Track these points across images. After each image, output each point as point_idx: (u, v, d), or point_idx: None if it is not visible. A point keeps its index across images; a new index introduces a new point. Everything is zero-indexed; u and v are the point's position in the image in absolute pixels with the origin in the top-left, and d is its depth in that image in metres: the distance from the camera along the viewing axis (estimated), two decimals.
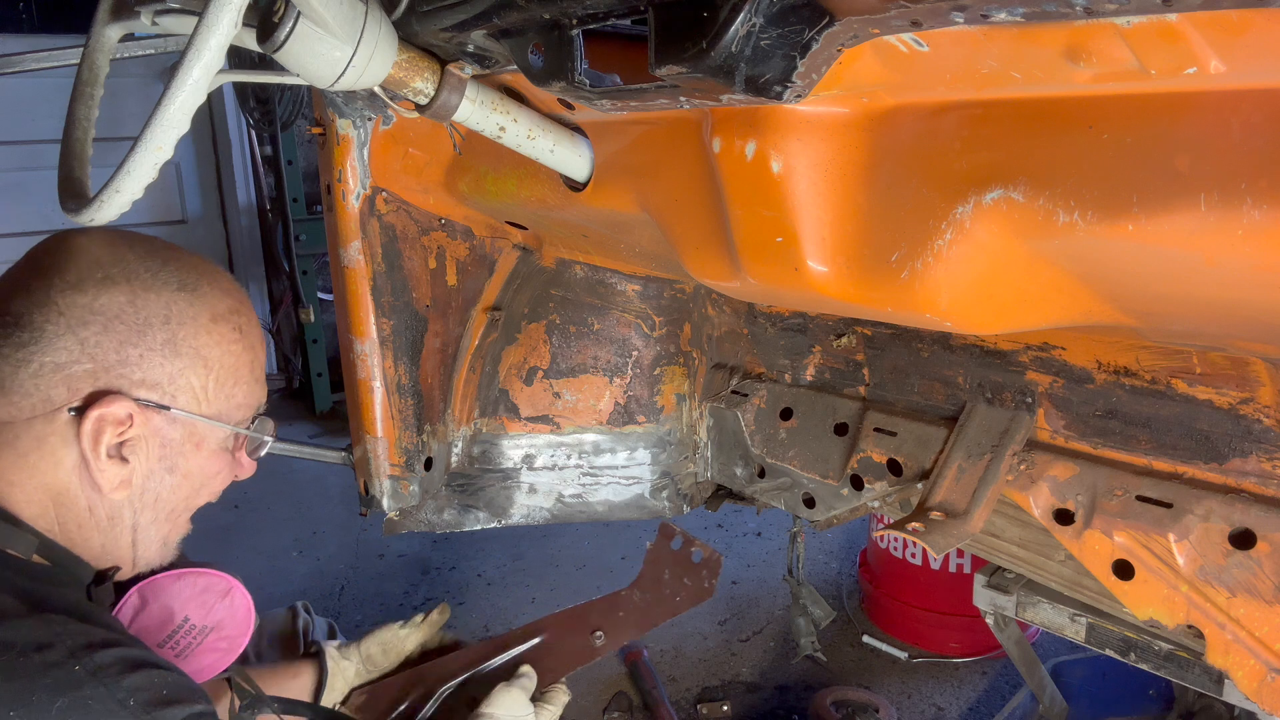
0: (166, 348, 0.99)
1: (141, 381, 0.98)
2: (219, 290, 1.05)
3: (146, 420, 0.99)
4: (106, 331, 0.96)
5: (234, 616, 1.25)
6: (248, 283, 5.76)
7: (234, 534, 3.86)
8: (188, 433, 1.03)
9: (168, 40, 1.37)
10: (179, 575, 1.19)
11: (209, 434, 1.06)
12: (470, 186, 1.46)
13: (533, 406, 1.72)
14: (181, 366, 1.01)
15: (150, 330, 0.98)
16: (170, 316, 1.00)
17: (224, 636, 1.24)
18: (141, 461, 1.01)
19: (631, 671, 2.90)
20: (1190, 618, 1.01)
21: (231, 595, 1.25)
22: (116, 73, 1.22)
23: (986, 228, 0.83)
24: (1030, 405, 1.20)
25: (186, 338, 1.01)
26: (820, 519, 1.47)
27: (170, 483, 1.04)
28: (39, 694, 0.82)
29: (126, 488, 1.00)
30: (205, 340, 1.02)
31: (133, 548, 1.06)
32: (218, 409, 1.05)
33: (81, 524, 1.00)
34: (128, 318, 0.97)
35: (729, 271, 1.08)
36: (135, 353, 0.98)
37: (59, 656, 0.84)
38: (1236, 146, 0.67)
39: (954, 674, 2.92)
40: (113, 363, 0.96)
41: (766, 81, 0.77)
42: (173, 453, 1.03)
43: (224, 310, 1.05)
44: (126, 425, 0.97)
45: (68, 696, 0.82)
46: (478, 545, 3.74)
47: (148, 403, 0.99)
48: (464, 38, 0.97)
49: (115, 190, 0.89)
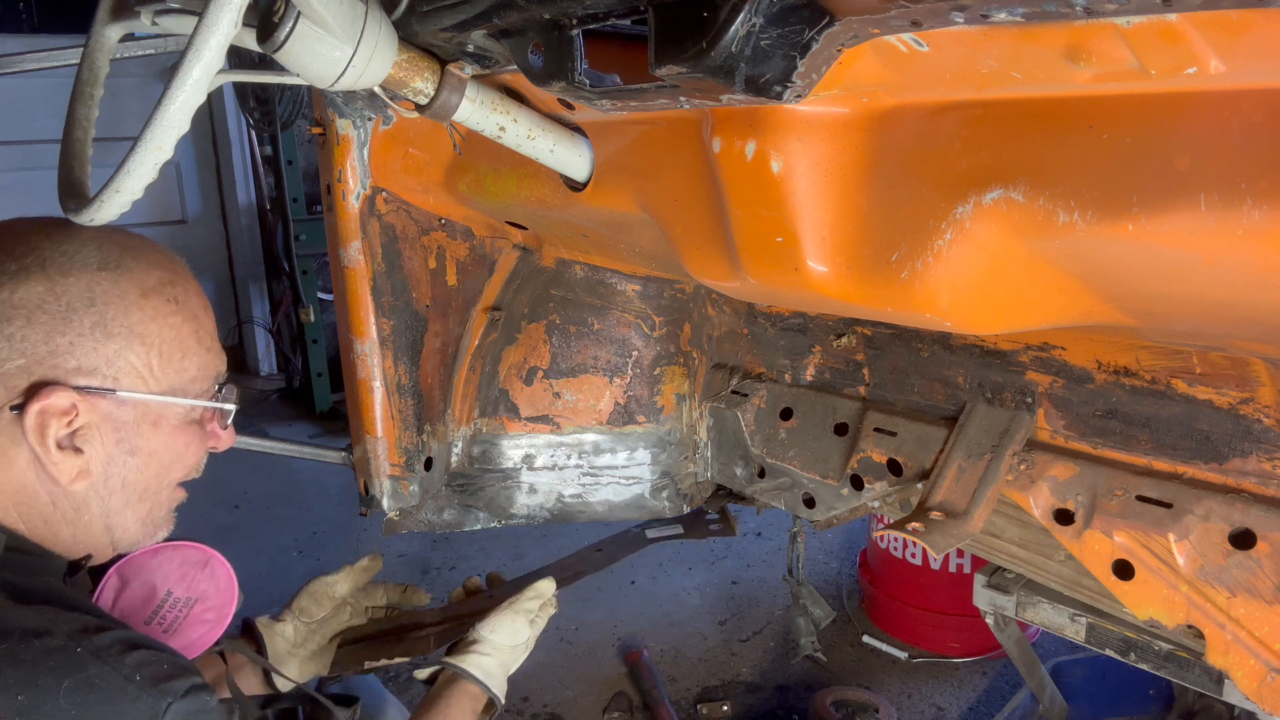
0: (96, 330, 0.96)
1: (78, 369, 0.95)
2: (145, 264, 1.01)
3: (93, 407, 0.96)
4: (30, 324, 0.93)
5: (216, 586, 1.24)
6: (248, 283, 5.77)
7: (234, 534, 3.86)
8: (140, 413, 1.00)
9: (168, 40, 1.37)
10: (155, 551, 1.17)
11: (164, 411, 1.02)
12: (470, 186, 1.46)
13: (533, 406, 1.72)
14: (118, 347, 0.97)
15: (74, 315, 0.95)
16: (95, 298, 0.96)
17: (209, 607, 1.24)
18: (97, 449, 0.98)
19: (631, 671, 2.90)
20: (1190, 618, 1.01)
21: (211, 565, 1.24)
22: (116, 73, 1.22)
23: (986, 228, 0.83)
24: (1030, 405, 1.20)
25: (116, 317, 0.97)
26: (820, 519, 1.47)
27: (134, 464, 1.02)
28: (44, 677, 0.82)
29: (86, 477, 0.98)
30: (138, 317, 0.99)
31: (108, 533, 1.04)
32: (169, 384, 1.02)
33: (47, 519, 0.99)
34: (49, 306, 0.94)
35: (729, 271, 1.08)
36: (64, 340, 0.95)
37: (59, 641, 0.85)
38: (1236, 146, 0.67)
39: (954, 674, 2.92)
40: (43, 354, 0.94)
41: (766, 81, 0.77)
42: (130, 435, 1.00)
43: (154, 283, 1.01)
44: (72, 415, 0.95)
45: (74, 678, 0.83)
46: (478, 545, 3.74)
47: (89, 389, 0.96)
48: (464, 38, 0.97)
49: (115, 190, 0.89)
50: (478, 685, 1.30)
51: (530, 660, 1.41)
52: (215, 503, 4.02)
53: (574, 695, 2.81)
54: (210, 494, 4.03)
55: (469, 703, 1.28)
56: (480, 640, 1.34)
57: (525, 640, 1.38)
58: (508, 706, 2.81)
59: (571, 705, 2.78)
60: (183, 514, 1.14)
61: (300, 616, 1.47)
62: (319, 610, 1.48)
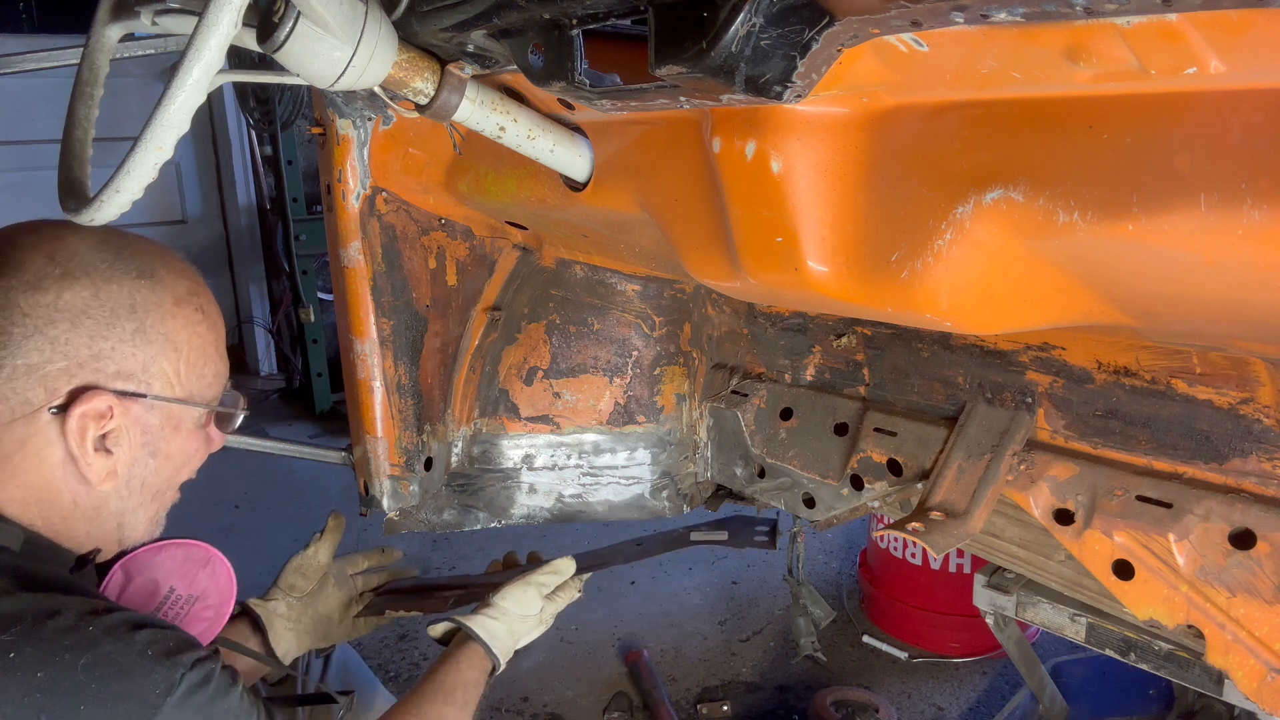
0: (137, 336, 1.00)
1: (117, 373, 0.99)
2: (175, 273, 1.06)
3: (126, 410, 1.00)
4: (75, 328, 0.96)
5: (217, 584, 1.27)
6: (248, 283, 5.77)
7: (234, 534, 3.86)
8: (166, 417, 1.04)
9: (168, 40, 1.37)
10: (160, 548, 1.21)
11: (186, 415, 1.07)
12: (470, 186, 1.46)
13: (533, 406, 1.72)
14: (153, 353, 1.01)
15: (118, 321, 0.99)
16: (135, 305, 1.00)
17: (209, 605, 1.27)
18: (125, 451, 1.01)
19: (631, 671, 2.90)
20: (1190, 618, 1.01)
21: (212, 564, 1.27)
22: (116, 73, 1.22)
23: (986, 228, 0.83)
24: (1030, 405, 1.20)
25: (154, 324, 1.01)
26: (820, 519, 1.47)
27: (154, 466, 1.06)
28: (61, 655, 0.85)
29: (114, 478, 1.01)
30: (172, 325, 1.03)
31: (119, 530, 1.07)
32: (190, 389, 1.06)
33: (66, 516, 1.01)
34: (94, 312, 0.97)
35: (729, 271, 1.08)
36: (107, 345, 0.98)
37: (70, 622, 0.87)
38: (1236, 146, 0.67)
39: (954, 674, 2.92)
40: (86, 358, 0.97)
41: (766, 81, 0.77)
42: (154, 438, 1.04)
43: (184, 292, 1.05)
44: (108, 418, 0.98)
45: (89, 654, 0.86)
46: (478, 545, 3.73)
47: (125, 393, 0.99)
48: (464, 38, 0.97)
49: (115, 190, 0.89)
50: (481, 645, 1.36)
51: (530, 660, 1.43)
52: (215, 503, 4.01)
53: (574, 695, 2.81)
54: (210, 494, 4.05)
55: (477, 662, 1.35)
56: (491, 605, 1.41)
57: (536, 611, 1.43)
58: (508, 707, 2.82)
59: (571, 705, 2.78)
60: (183, 514, 1.16)
61: (290, 593, 1.53)
62: (306, 584, 1.54)
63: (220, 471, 1.25)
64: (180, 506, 1.15)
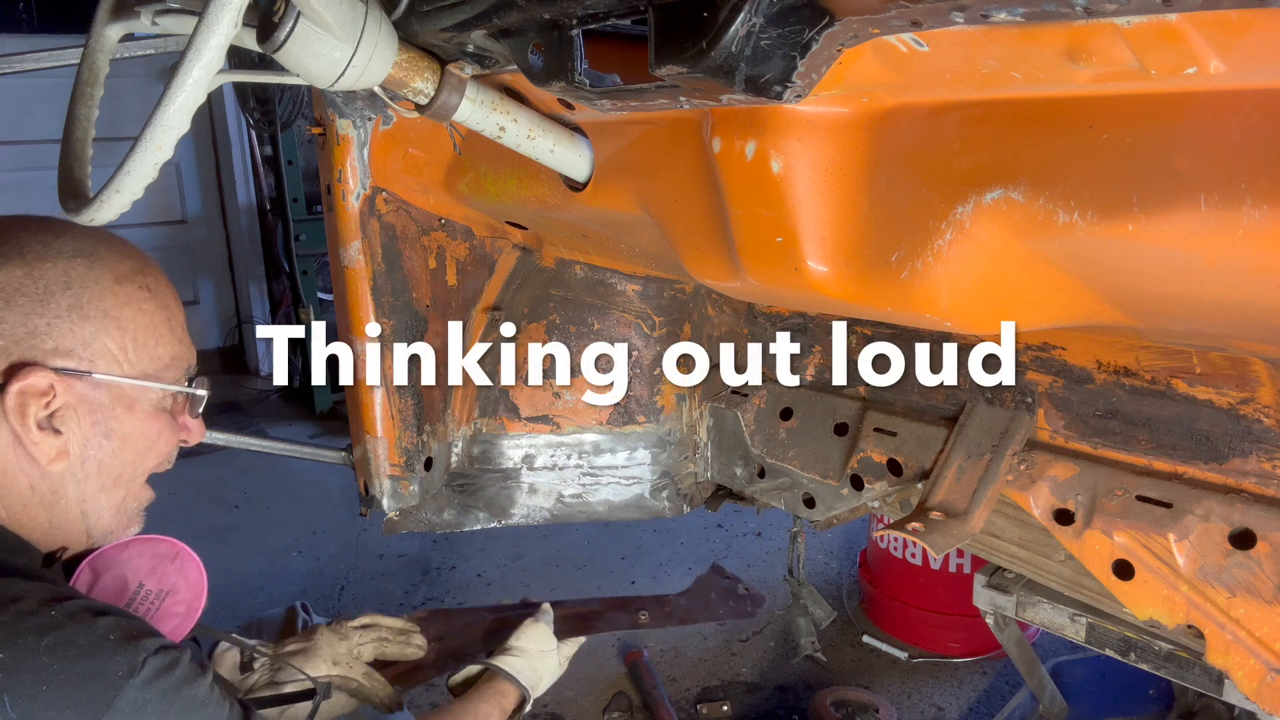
0: (73, 313, 0.99)
1: (55, 350, 0.98)
2: (118, 253, 1.05)
3: (69, 388, 0.99)
4: (8, 306, 0.96)
5: (186, 579, 1.26)
6: (248, 283, 5.77)
7: (234, 534, 3.86)
8: (115, 396, 1.03)
9: (168, 40, 1.37)
10: (127, 544, 1.19)
11: (138, 395, 1.05)
12: (470, 186, 1.46)
13: (532, 406, 1.72)
14: (93, 330, 1.00)
15: (52, 298, 0.98)
16: (70, 282, 0.99)
17: (179, 600, 1.25)
18: (75, 430, 1.01)
19: (631, 671, 2.90)
20: (1190, 618, 1.01)
21: (180, 558, 1.25)
22: (116, 73, 1.22)
23: (986, 228, 0.83)
24: (1030, 405, 1.20)
25: (91, 300, 1.00)
26: (820, 519, 1.47)
27: (110, 448, 1.04)
28: (23, 636, 0.86)
29: (65, 458, 1.01)
30: (112, 301, 1.02)
31: (83, 519, 1.06)
32: (142, 369, 1.05)
33: (26, 503, 1.01)
34: (27, 289, 0.97)
35: (729, 271, 1.08)
36: (42, 322, 0.98)
37: (33, 606, 0.88)
38: (1236, 146, 0.67)
39: (954, 674, 2.92)
40: (21, 335, 0.97)
41: (766, 81, 0.77)
42: (105, 417, 1.03)
43: (126, 271, 1.04)
44: (50, 396, 0.98)
45: (51, 636, 0.87)
46: (478, 545, 3.74)
47: (66, 370, 0.99)
48: (464, 38, 0.97)
49: (115, 190, 0.90)
50: (508, 681, 1.42)
51: None
52: (215, 503, 4.01)
53: (574, 695, 2.81)
54: (210, 494, 4.06)
55: (499, 698, 1.41)
56: (509, 647, 1.49)
57: (553, 649, 1.51)
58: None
59: (571, 705, 2.78)
60: (184, 514, 1.14)
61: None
62: None
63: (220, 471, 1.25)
64: (180, 506, 1.14)
